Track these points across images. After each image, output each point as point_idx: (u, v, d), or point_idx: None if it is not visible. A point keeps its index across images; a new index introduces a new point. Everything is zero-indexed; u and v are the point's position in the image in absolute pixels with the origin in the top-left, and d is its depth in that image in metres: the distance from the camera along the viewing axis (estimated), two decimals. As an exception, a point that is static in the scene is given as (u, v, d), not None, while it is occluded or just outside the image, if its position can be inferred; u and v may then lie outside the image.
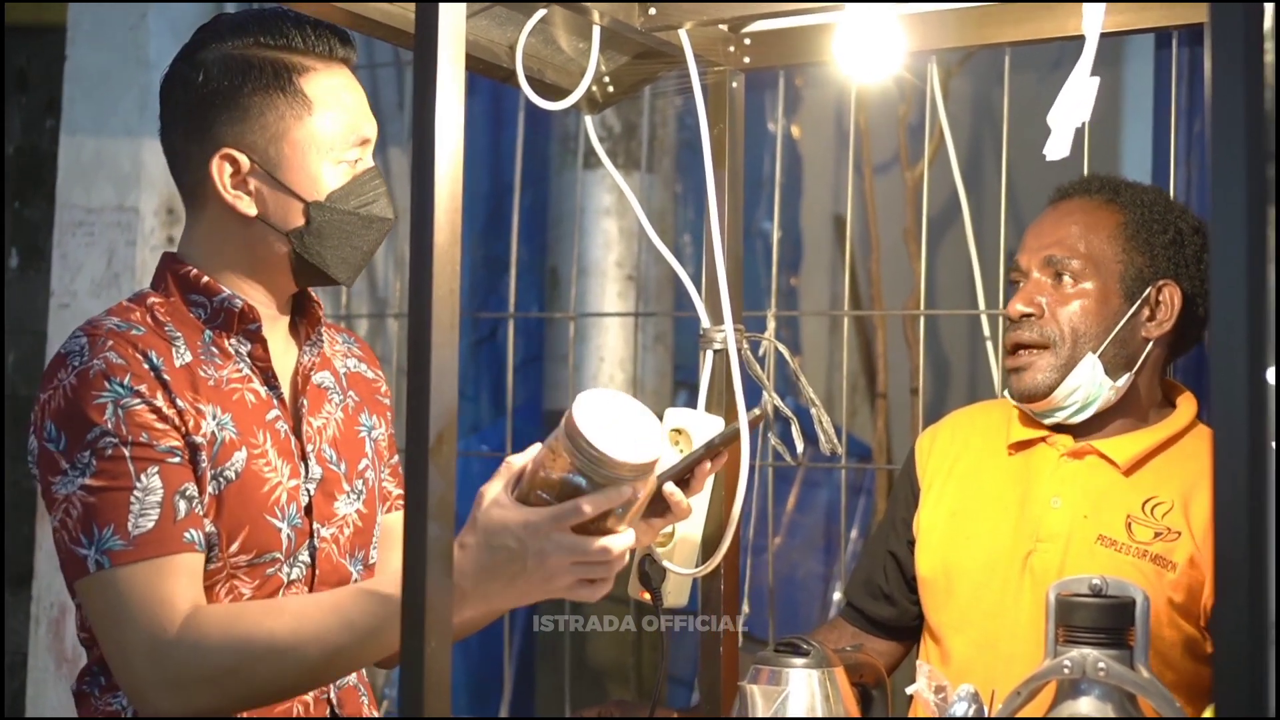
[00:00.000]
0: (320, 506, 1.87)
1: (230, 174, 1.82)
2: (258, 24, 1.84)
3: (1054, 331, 2.17)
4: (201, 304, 1.85)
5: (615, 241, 3.45)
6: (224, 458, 1.77)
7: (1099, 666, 1.62)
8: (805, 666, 1.83)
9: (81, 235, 3.60)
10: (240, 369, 1.84)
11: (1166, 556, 2.09)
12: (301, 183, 1.82)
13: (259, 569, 1.80)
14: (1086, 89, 1.78)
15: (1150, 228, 2.18)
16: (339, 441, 1.93)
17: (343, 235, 1.84)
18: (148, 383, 1.73)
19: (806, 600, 3.62)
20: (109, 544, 1.68)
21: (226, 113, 1.81)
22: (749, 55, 2.12)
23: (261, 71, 1.81)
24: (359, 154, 1.85)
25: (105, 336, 1.76)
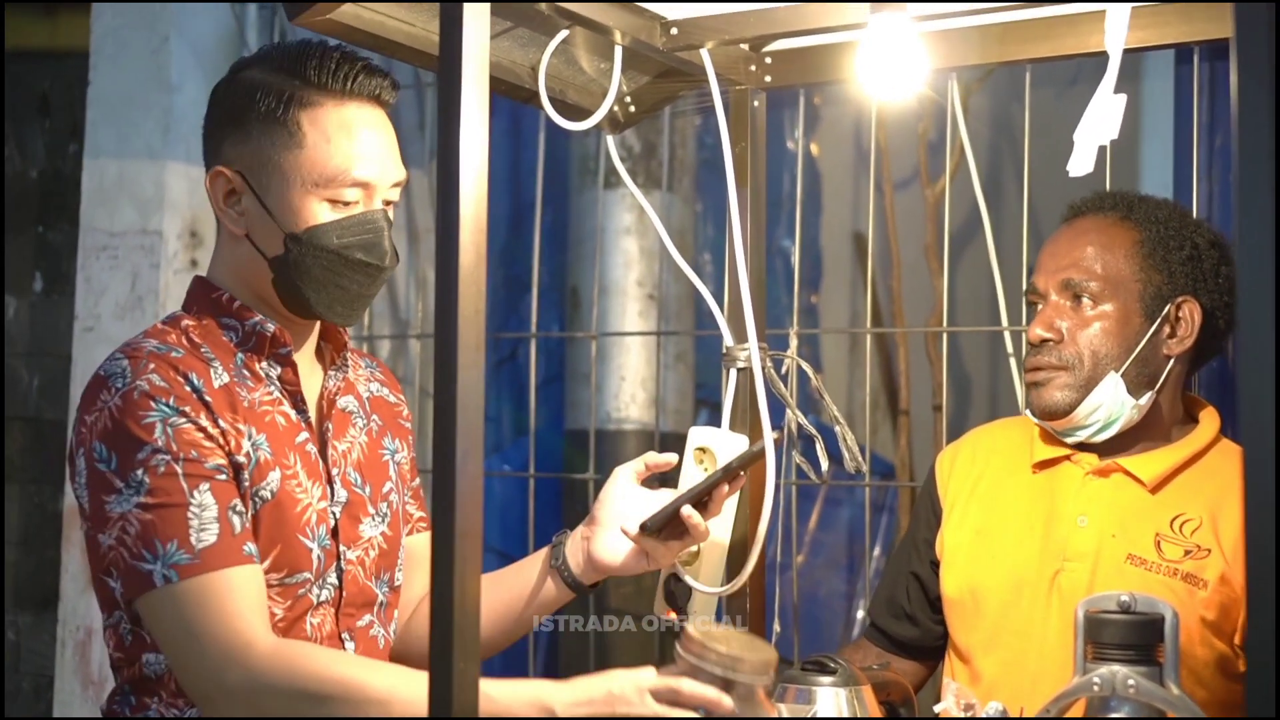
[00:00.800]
0: (346, 529, 1.89)
1: (225, 191, 1.86)
2: (284, 52, 1.87)
3: (1073, 355, 2.16)
4: (234, 328, 1.87)
5: (636, 261, 3.45)
6: (259, 477, 1.80)
7: (1129, 683, 1.62)
8: (833, 685, 1.82)
9: (105, 259, 3.61)
10: (271, 392, 1.87)
11: (1198, 574, 2.08)
12: (283, 212, 1.83)
13: (291, 589, 1.82)
14: (1113, 106, 1.78)
15: (1167, 245, 2.17)
16: (363, 465, 1.95)
17: (322, 273, 1.84)
18: (191, 403, 1.76)
19: (830, 618, 3.61)
20: (174, 558, 1.71)
21: (232, 132, 1.86)
22: (770, 74, 2.13)
23: (266, 96, 1.84)
24: (355, 195, 1.84)
25: (146, 359, 1.78)
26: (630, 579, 3.38)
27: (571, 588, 1.98)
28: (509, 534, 3.38)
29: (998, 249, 3.02)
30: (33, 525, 3.92)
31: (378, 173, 1.86)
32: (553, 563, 1.98)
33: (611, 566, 1.96)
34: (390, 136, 1.89)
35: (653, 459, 1.97)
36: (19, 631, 3.87)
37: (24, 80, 4.07)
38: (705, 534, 1.90)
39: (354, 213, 1.84)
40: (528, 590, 1.99)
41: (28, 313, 3.99)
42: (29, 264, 4.00)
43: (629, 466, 1.98)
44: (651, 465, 1.97)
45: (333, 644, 1.87)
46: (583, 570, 1.97)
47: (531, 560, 2.02)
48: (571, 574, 1.97)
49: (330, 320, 1.90)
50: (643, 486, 1.97)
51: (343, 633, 1.89)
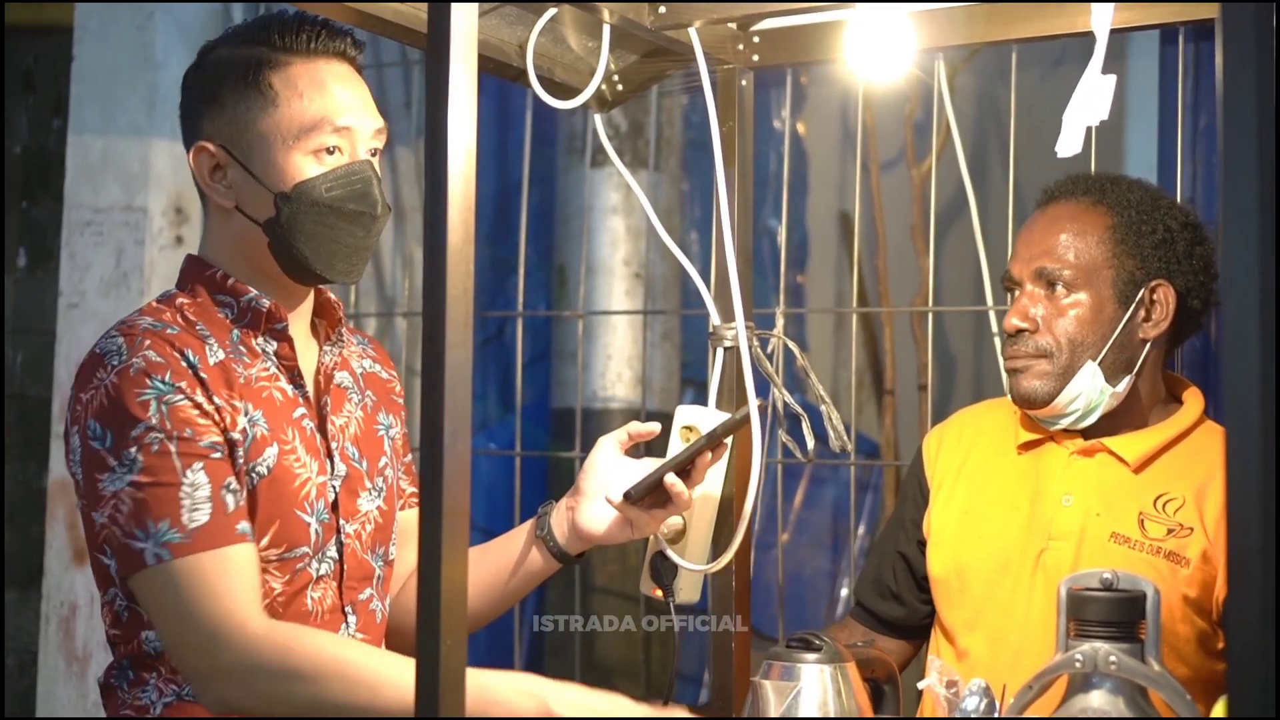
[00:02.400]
0: (345, 503, 1.90)
1: (210, 166, 1.87)
2: (248, 26, 1.90)
3: (1050, 343, 2.16)
4: (229, 304, 1.88)
5: (622, 240, 3.45)
6: (256, 453, 1.81)
7: (1110, 660, 1.63)
8: (817, 662, 1.83)
9: (90, 235, 3.60)
10: (268, 367, 1.87)
11: (1180, 552, 2.10)
12: (269, 173, 1.84)
13: (289, 564, 1.83)
14: (1101, 87, 1.78)
15: (1139, 229, 2.17)
16: (360, 439, 1.96)
17: (315, 228, 1.84)
18: (187, 379, 1.77)
19: (814, 597, 3.62)
20: (166, 537, 1.71)
21: (206, 108, 1.87)
22: (758, 53, 2.13)
23: (235, 67, 1.86)
24: (336, 142, 1.85)
25: (142, 335, 1.79)
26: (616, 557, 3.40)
27: (557, 558, 1.99)
28: (494, 512, 3.38)
29: (983, 229, 3.03)
30: (17, 502, 3.92)
31: (356, 119, 1.87)
32: (538, 533, 2.00)
33: (595, 535, 1.97)
34: (363, 87, 1.91)
35: (636, 428, 1.99)
36: (2, 608, 3.87)
37: (8, 56, 4.05)
38: (688, 502, 1.91)
39: (340, 162, 1.85)
40: (513, 561, 2.00)
41: (12, 289, 3.98)
42: (13, 240, 3.99)
43: (613, 436, 2.00)
44: (635, 435, 1.99)
45: (335, 618, 1.88)
46: (568, 540, 1.98)
47: (517, 532, 2.03)
48: (557, 544, 1.99)
49: (332, 278, 1.89)
50: (627, 456, 1.98)
51: (345, 606, 1.90)
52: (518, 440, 3.29)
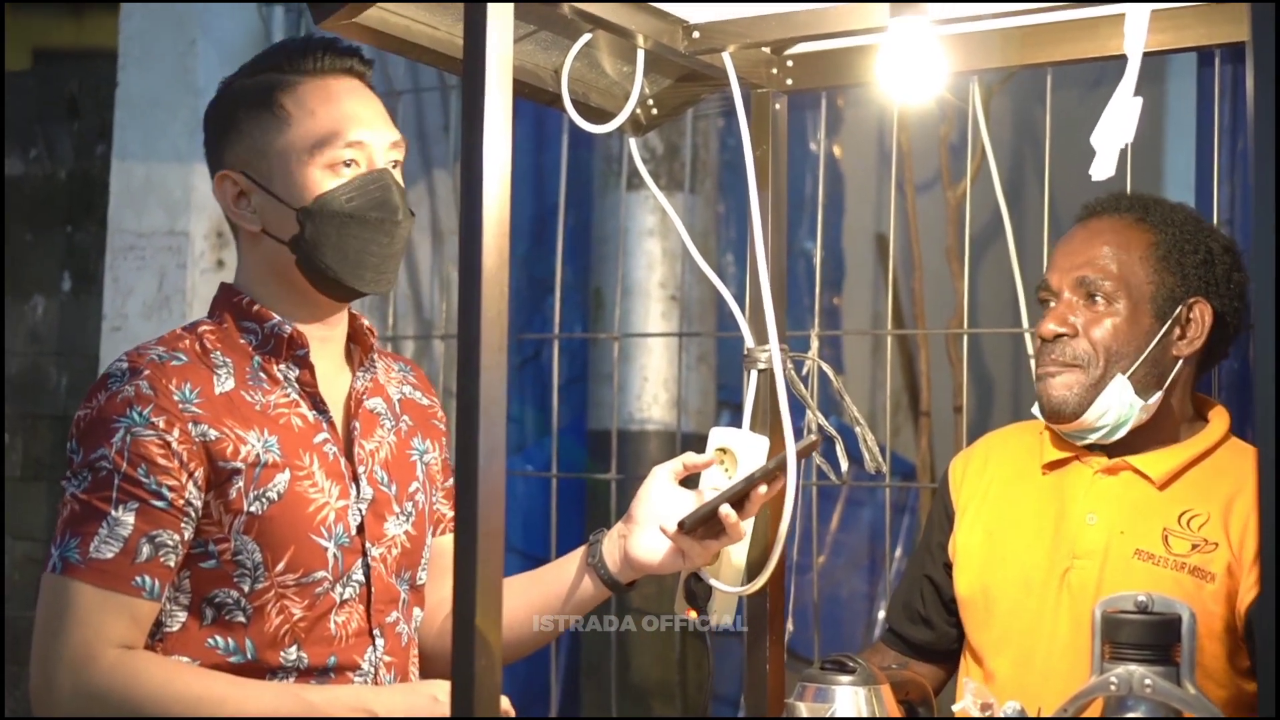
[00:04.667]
0: (371, 526, 1.91)
1: (234, 194, 1.91)
2: (260, 56, 1.95)
3: (1086, 352, 2.16)
4: (253, 331, 1.91)
5: (658, 262, 3.47)
6: (266, 479, 1.83)
7: (1145, 683, 1.63)
8: (851, 684, 1.83)
9: (133, 259, 3.64)
10: (289, 394, 1.90)
11: (1205, 568, 2.09)
12: (289, 191, 1.87)
13: (308, 589, 1.84)
14: (1129, 109, 1.78)
15: (1182, 248, 2.18)
16: (390, 464, 1.97)
17: (339, 238, 1.87)
18: (169, 415, 1.80)
19: (850, 619, 3.62)
20: (69, 553, 1.76)
21: (225, 137, 1.92)
22: (791, 77, 2.14)
23: (251, 94, 1.90)
24: (352, 155, 1.88)
25: (144, 366, 1.83)
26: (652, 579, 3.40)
27: (609, 586, 2.00)
28: (531, 534, 3.39)
29: (1019, 251, 3.03)
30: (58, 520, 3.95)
31: (369, 132, 1.90)
32: (590, 561, 2.00)
33: (649, 565, 1.97)
34: (375, 101, 1.94)
35: (691, 460, 2.00)
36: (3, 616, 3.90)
37: (52, 82, 4.11)
38: (742, 534, 1.93)
39: (358, 173, 1.88)
40: (565, 589, 2.00)
41: (56, 312, 4.03)
42: (57, 264, 4.04)
43: (667, 466, 2.00)
44: (690, 466, 2.00)
45: (361, 641, 1.89)
46: (619, 569, 1.99)
47: (569, 559, 2.03)
48: (609, 572, 1.99)
49: (362, 289, 1.91)
50: (680, 486, 1.99)
51: (374, 629, 1.91)
52: (554, 462, 3.30)
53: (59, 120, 4.07)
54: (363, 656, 1.90)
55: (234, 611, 1.82)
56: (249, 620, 1.82)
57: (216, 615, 1.83)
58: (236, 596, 1.82)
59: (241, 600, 1.82)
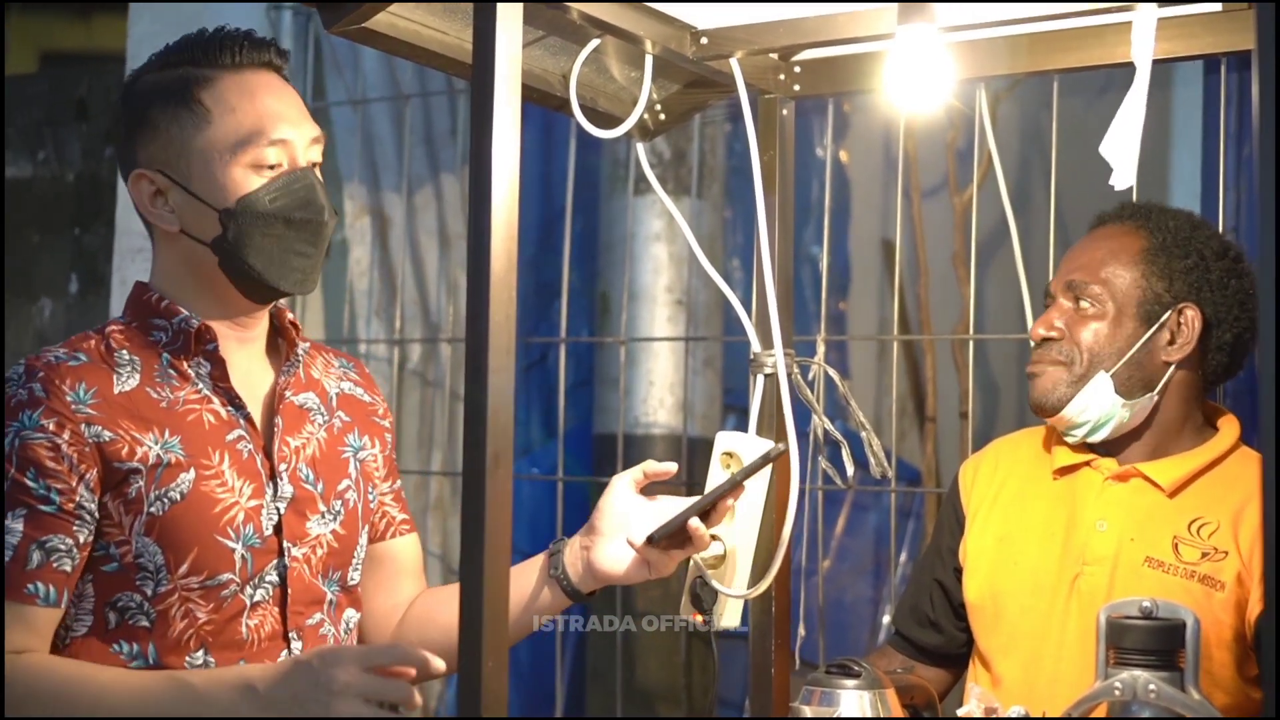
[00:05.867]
0: (291, 525, 1.86)
1: (150, 193, 1.85)
2: (170, 49, 1.88)
3: (1070, 351, 2.20)
4: (163, 327, 1.86)
5: (665, 267, 3.48)
6: (168, 479, 1.78)
7: (1150, 688, 1.63)
8: (857, 688, 1.84)
9: (141, 261, 3.65)
10: (199, 390, 1.85)
11: (1214, 576, 2.10)
12: (211, 191, 1.82)
13: (213, 592, 1.80)
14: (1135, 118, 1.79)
15: (1170, 252, 2.20)
16: (318, 461, 1.92)
17: (265, 238, 1.83)
18: (60, 417, 1.75)
19: (856, 623, 3.62)
20: None
21: (140, 134, 1.85)
22: (799, 83, 2.15)
23: (166, 89, 1.84)
24: (276, 155, 1.83)
25: (40, 368, 1.78)
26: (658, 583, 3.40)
27: (570, 595, 1.96)
28: (538, 537, 3.41)
29: (1025, 257, 3.03)
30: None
31: (292, 129, 1.85)
32: (551, 572, 1.95)
33: (614, 576, 1.93)
34: (295, 96, 1.89)
35: (652, 467, 1.94)
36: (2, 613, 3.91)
37: (61, 84, 4.13)
38: (708, 543, 1.90)
39: (281, 172, 1.84)
40: (525, 597, 1.96)
41: (64, 314, 4.04)
42: (65, 266, 4.06)
43: (628, 475, 1.95)
44: (650, 474, 1.94)
45: (275, 644, 1.85)
46: (581, 579, 1.95)
47: (528, 566, 1.98)
48: (570, 583, 1.95)
49: (286, 289, 1.87)
50: (640, 495, 1.94)
51: (290, 632, 1.86)
52: (560, 465, 3.31)
53: (68, 123, 4.09)
54: (277, 660, 1.84)
55: (137, 615, 1.78)
56: (152, 624, 1.78)
57: (120, 620, 1.78)
58: (139, 600, 1.77)
59: (144, 604, 1.77)
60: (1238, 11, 1.90)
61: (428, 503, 3.75)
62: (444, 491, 3.77)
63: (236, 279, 1.85)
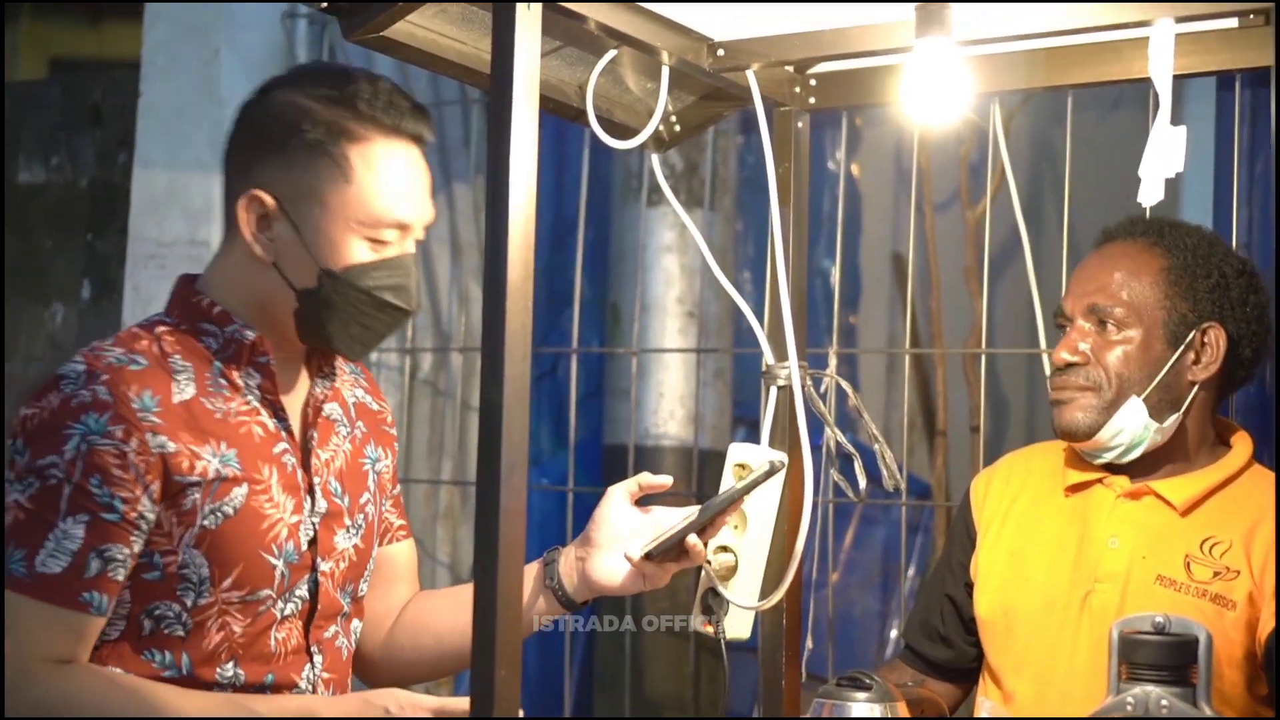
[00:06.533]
0: (323, 540, 1.86)
1: (257, 215, 1.80)
2: (330, 78, 1.84)
3: (1100, 376, 2.17)
4: (213, 334, 1.82)
5: (676, 278, 3.48)
6: (223, 493, 1.76)
7: (1162, 704, 1.63)
8: (868, 700, 1.84)
9: (153, 268, 3.67)
10: (249, 401, 1.83)
11: (1226, 595, 2.09)
12: (322, 247, 1.79)
13: (251, 606, 1.79)
14: (1174, 138, 1.79)
15: (1193, 272, 2.18)
16: (344, 474, 1.92)
17: (352, 311, 1.80)
18: (127, 424, 1.71)
19: (864, 637, 3.62)
20: (13, 565, 1.68)
21: (270, 155, 1.80)
22: (814, 96, 2.15)
23: (314, 125, 1.79)
24: (393, 236, 1.81)
25: (102, 370, 1.74)
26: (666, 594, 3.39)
27: (564, 605, 1.96)
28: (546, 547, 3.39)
29: (1037, 271, 3.04)
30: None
31: (417, 215, 1.83)
32: (546, 582, 1.96)
33: (609, 588, 1.93)
34: (427, 177, 1.86)
35: (647, 480, 1.94)
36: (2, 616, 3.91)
37: (75, 91, 4.14)
38: (704, 558, 1.91)
39: (389, 254, 1.80)
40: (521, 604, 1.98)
41: (76, 320, 4.05)
42: (77, 272, 4.07)
43: (622, 487, 1.96)
44: (645, 486, 1.94)
45: (299, 658, 1.85)
46: (576, 589, 1.95)
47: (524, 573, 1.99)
48: (565, 593, 1.95)
49: (342, 354, 1.87)
50: (635, 507, 1.95)
51: (311, 645, 1.86)
52: (570, 476, 3.31)
53: (81, 128, 4.10)
54: (300, 674, 1.84)
55: (173, 625, 1.76)
56: (187, 635, 1.76)
57: (155, 628, 1.76)
58: (178, 610, 1.76)
59: (182, 614, 1.76)
60: (1254, 28, 1.90)
61: (437, 511, 3.75)
62: (454, 500, 3.77)
63: (304, 329, 1.83)
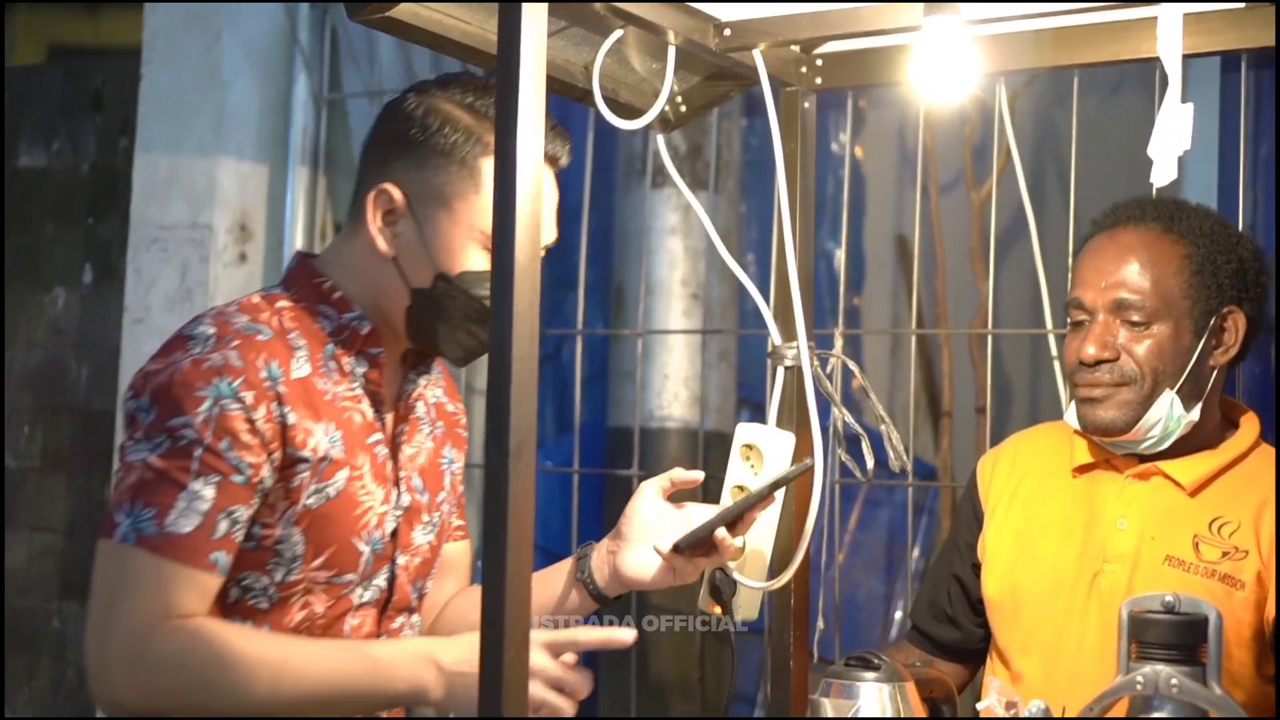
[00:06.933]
0: (403, 533, 1.89)
1: (384, 210, 1.85)
2: (476, 88, 1.88)
3: (1134, 371, 2.14)
4: (329, 316, 1.86)
5: (680, 260, 3.47)
6: (328, 474, 1.80)
7: (1172, 683, 1.63)
8: (876, 680, 1.84)
9: (155, 252, 3.66)
10: (354, 388, 1.86)
11: (1235, 575, 2.09)
12: (442, 251, 1.83)
13: (335, 588, 1.82)
14: (1182, 116, 1.79)
15: (1215, 260, 2.16)
16: (426, 471, 1.95)
17: (460, 317, 1.84)
18: (256, 391, 1.75)
19: (868, 619, 3.62)
20: (142, 524, 1.69)
21: (406, 154, 1.85)
22: (821, 76, 2.14)
23: (453, 132, 1.84)
24: None
25: (233, 335, 1.77)
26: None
27: (596, 599, 1.99)
28: (550, 530, 3.40)
29: (1043, 252, 3.03)
30: (81, 514, 3.97)
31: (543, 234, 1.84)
32: (578, 575, 1.98)
33: (640, 582, 1.95)
34: (555, 198, 1.90)
35: (679, 475, 1.97)
36: (64, 620, 3.92)
37: (76, 76, 4.13)
38: (737, 552, 1.91)
39: None
40: (553, 601, 1.99)
41: (78, 304, 4.04)
42: (79, 256, 4.06)
43: (655, 482, 1.98)
44: (678, 481, 1.97)
45: None
46: (608, 584, 1.97)
47: (558, 570, 2.01)
48: (597, 587, 1.97)
49: (444, 357, 1.90)
50: (667, 502, 1.96)
51: (381, 635, 1.89)
52: (575, 458, 3.30)
53: (82, 114, 4.09)
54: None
55: (259, 598, 1.79)
56: (270, 608, 1.79)
57: (240, 597, 1.78)
58: (266, 583, 1.79)
59: (270, 587, 1.79)
60: (1261, 7, 1.90)
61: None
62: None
63: (413, 328, 1.86)
